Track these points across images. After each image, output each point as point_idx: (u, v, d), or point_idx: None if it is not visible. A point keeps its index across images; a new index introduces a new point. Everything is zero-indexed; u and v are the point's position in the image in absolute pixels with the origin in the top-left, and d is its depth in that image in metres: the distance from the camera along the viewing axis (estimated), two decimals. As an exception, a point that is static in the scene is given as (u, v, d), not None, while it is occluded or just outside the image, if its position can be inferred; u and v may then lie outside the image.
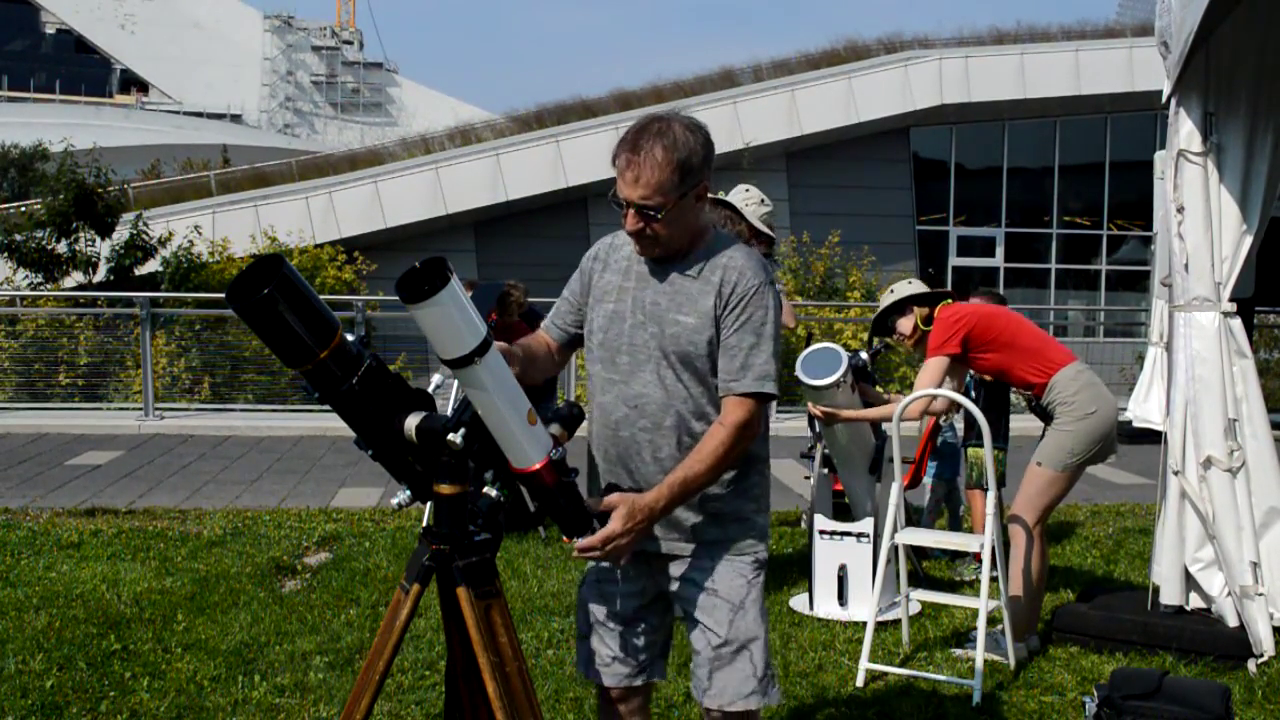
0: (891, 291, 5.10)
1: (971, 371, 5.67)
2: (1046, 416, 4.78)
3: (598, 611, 2.82)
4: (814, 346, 5.22)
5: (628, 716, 2.88)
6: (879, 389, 6.05)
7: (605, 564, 2.81)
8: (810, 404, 5.19)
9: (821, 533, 5.45)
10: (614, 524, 2.46)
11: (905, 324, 5.03)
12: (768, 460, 2.85)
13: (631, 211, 2.55)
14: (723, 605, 2.70)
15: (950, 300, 4.96)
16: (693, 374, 2.63)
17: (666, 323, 2.63)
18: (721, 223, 5.00)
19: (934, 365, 4.73)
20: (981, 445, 5.02)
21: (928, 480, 6.56)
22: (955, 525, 6.55)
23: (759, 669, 2.71)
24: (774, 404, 4.55)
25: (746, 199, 5.13)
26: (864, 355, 5.70)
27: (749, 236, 5.10)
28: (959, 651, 4.79)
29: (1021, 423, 6.84)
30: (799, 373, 5.06)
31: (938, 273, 24.70)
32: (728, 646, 2.69)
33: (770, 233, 5.09)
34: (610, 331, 2.71)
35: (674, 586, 2.77)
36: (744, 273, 2.60)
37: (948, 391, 4.97)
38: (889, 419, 4.77)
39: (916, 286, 5.09)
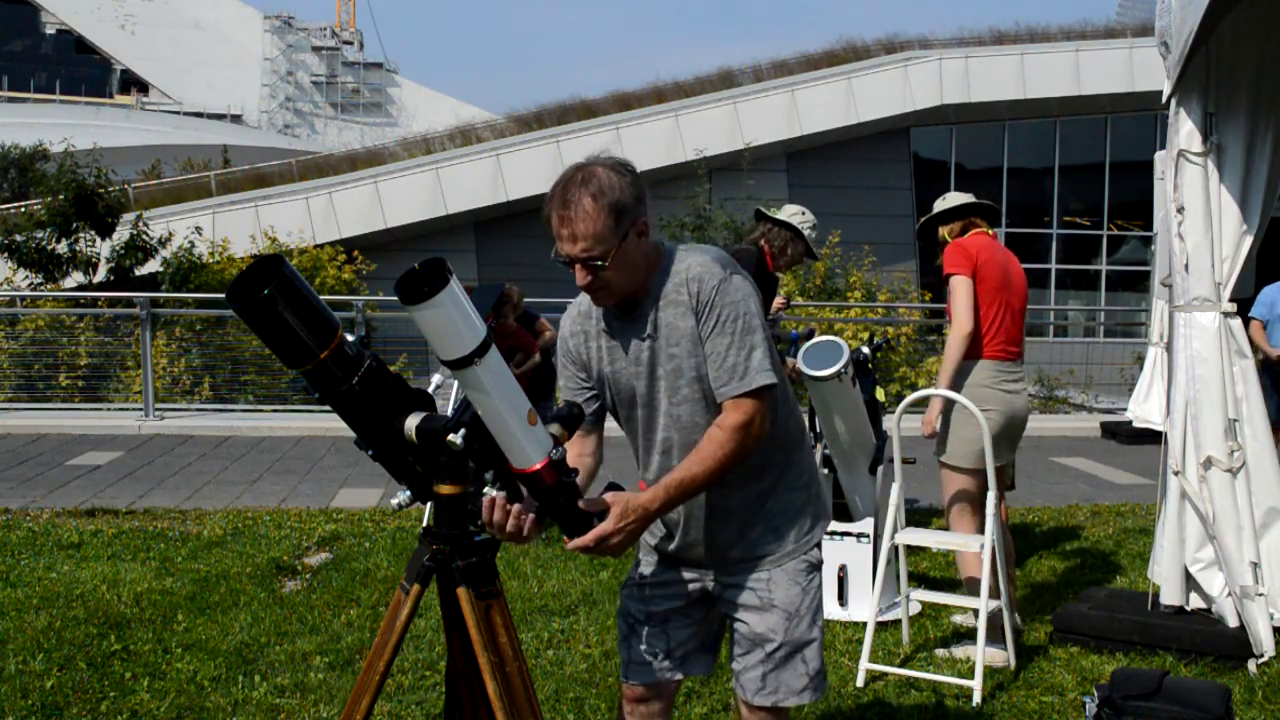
0: (944, 200, 5.16)
1: None
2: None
3: (633, 611, 2.86)
4: (815, 339, 5.24)
5: (647, 719, 2.88)
6: (879, 389, 6.06)
7: (644, 568, 2.87)
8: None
9: (821, 533, 5.45)
10: (607, 523, 2.46)
11: (941, 232, 5.12)
12: (804, 441, 2.83)
13: (578, 266, 2.51)
14: (779, 613, 2.72)
15: (989, 232, 5.02)
16: (704, 396, 2.63)
17: (661, 361, 2.62)
18: (782, 244, 5.41)
19: (956, 286, 4.79)
20: None
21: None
22: None
23: (811, 667, 2.75)
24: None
25: (803, 221, 5.59)
26: (865, 349, 5.71)
27: (802, 253, 5.50)
28: (958, 650, 4.79)
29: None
30: (800, 364, 5.07)
31: (938, 272, 24.74)
32: (782, 650, 2.73)
33: (816, 253, 5.75)
34: (621, 397, 2.72)
35: (725, 594, 2.78)
36: (701, 278, 2.57)
37: (949, 393, 4.98)
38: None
39: (957, 199, 5.12)
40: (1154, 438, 5.21)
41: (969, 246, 4.86)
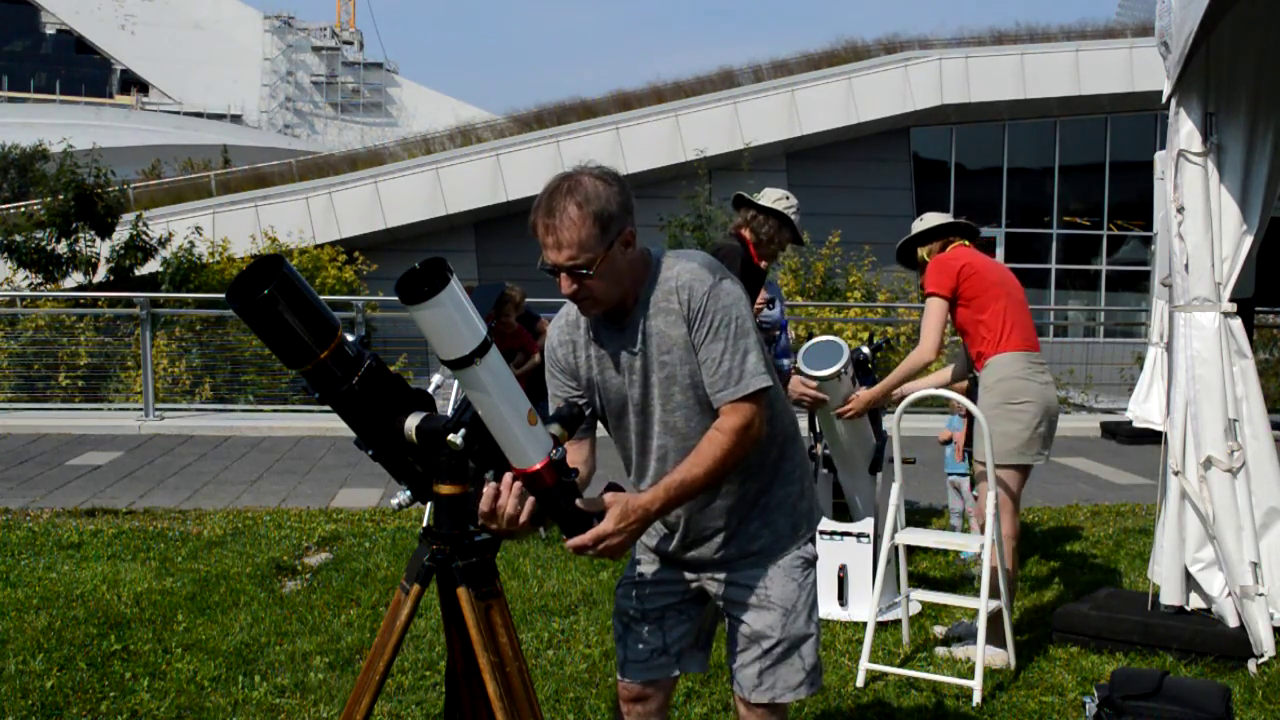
0: (921, 220, 5.10)
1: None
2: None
3: (628, 609, 2.87)
4: (815, 339, 5.24)
5: (644, 718, 2.88)
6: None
7: (641, 567, 2.87)
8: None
9: (821, 533, 5.45)
10: (606, 524, 2.46)
11: (920, 253, 5.06)
12: (797, 437, 2.84)
13: (564, 275, 2.51)
14: (776, 609, 2.74)
15: (965, 244, 4.96)
16: (698, 401, 2.64)
17: (654, 369, 2.63)
18: (770, 233, 5.20)
19: (930, 307, 4.79)
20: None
21: (953, 477, 6.54)
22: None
23: (807, 662, 2.77)
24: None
25: (788, 206, 5.34)
26: (865, 349, 5.70)
27: (788, 240, 5.35)
28: (958, 650, 4.79)
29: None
30: (800, 364, 5.07)
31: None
32: (779, 647, 2.74)
33: (801, 238, 5.57)
34: (611, 405, 2.72)
35: (722, 592, 2.80)
36: (691, 286, 2.57)
37: (950, 393, 4.99)
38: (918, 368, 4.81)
39: (934, 219, 5.06)
40: (1154, 438, 5.21)
41: (951, 262, 4.82)
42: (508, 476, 2.37)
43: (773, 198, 5.35)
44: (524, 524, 2.38)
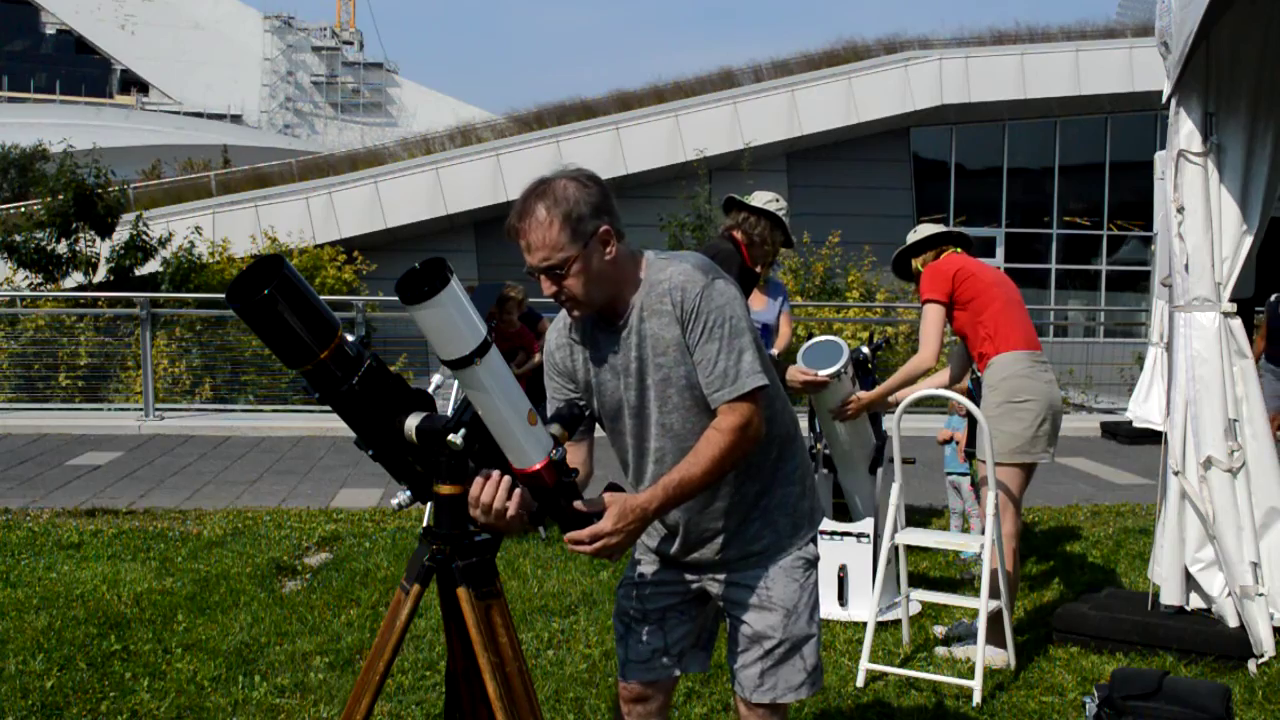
0: (915, 232, 5.16)
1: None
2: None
3: (629, 610, 2.87)
4: (815, 339, 5.23)
5: (644, 719, 2.88)
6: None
7: (641, 567, 2.87)
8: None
9: (821, 533, 5.44)
10: (604, 523, 2.46)
11: (914, 264, 5.12)
12: (797, 436, 2.84)
13: (543, 277, 2.55)
14: (778, 610, 2.74)
15: (957, 250, 4.99)
16: (695, 403, 2.63)
17: (649, 371, 2.63)
18: (763, 234, 5.18)
19: (928, 313, 4.82)
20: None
21: (953, 477, 6.54)
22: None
23: (809, 663, 2.78)
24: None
25: (779, 208, 5.36)
26: (865, 349, 5.70)
27: (780, 242, 5.32)
28: (958, 650, 4.79)
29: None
30: (800, 364, 5.06)
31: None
32: (781, 647, 2.75)
33: (792, 240, 5.58)
34: (606, 408, 2.72)
35: (724, 592, 2.80)
36: (685, 287, 2.57)
37: (949, 393, 4.98)
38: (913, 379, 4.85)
39: (927, 230, 5.12)
40: (1154, 438, 5.22)
41: (945, 267, 4.85)
42: (496, 473, 2.37)
43: (763, 199, 5.33)
44: (514, 518, 2.37)
